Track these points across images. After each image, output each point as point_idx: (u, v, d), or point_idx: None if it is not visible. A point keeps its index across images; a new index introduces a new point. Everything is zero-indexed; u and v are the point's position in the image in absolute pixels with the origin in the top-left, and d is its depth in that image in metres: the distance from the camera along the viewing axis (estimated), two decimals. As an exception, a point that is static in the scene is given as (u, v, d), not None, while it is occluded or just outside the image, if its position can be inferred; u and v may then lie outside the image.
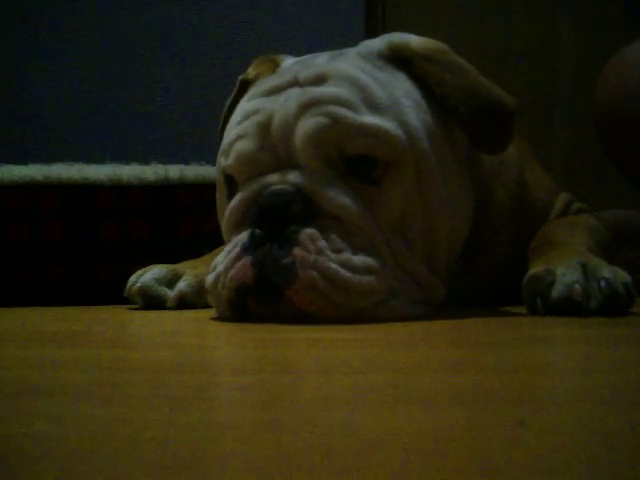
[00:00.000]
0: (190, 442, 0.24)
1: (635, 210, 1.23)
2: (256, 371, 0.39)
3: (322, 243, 0.60)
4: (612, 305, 0.62)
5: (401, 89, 0.67)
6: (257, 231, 0.62)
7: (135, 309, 0.81)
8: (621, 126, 1.00)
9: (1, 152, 1.54)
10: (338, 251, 0.60)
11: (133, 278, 0.83)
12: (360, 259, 0.61)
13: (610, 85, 1.02)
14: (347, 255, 0.60)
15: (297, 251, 0.60)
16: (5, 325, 0.71)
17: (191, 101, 1.78)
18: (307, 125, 0.63)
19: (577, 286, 0.63)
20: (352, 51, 0.71)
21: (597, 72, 1.06)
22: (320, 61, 0.70)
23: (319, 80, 0.66)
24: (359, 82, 0.65)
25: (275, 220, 0.62)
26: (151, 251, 0.99)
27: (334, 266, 0.59)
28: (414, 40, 0.70)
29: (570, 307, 0.63)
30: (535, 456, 0.22)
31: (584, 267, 0.64)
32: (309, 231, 0.60)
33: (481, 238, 0.78)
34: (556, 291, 0.64)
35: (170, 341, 0.54)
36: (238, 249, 0.63)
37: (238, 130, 0.68)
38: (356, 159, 0.63)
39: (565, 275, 0.64)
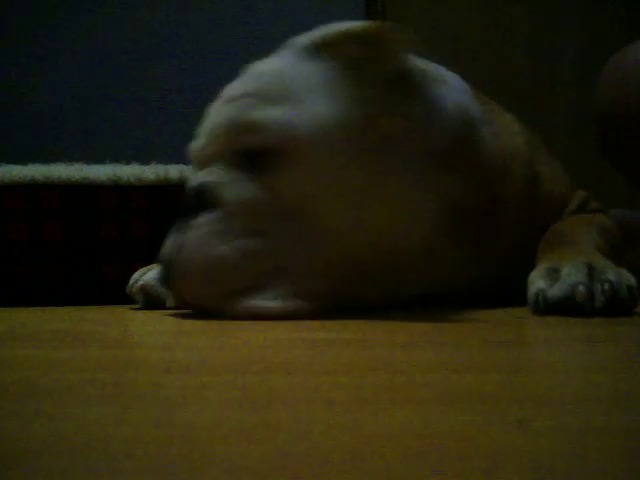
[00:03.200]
0: (190, 442, 0.24)
1: (635, 210, 1.23)
2: (256, 371, 0.39)
3: (207, 228, 0.65)
4: (615, 307, 0.62)
5: (313, 79, 0.68)
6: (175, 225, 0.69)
7: (136, 309, 0.81)
8: (621, 126, 1.00)
9: (1, 152, 1.54)
10: (218, 237, 0.65)
11: (136, 276, 0.83)
12: (236, 243, 0.65)
13: (610, 85, 1.02)
14: (224, 239, 0.65)
15: (185, 236, 0.66)
16: (5, 325, 0.71)
17: (191, 101, 1.78)
18: (212, 124, 0.70)
19: (581, 287, 0.63)
20: (287, 47, 0.72)
21: (597, 72, 1.06)
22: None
23: (236, 79, 0.71)
24: (264, 77, 0.69)
25: (184, 213, 0.68)
26: (151, 251, 0.98)
27: (207, 249, 0.64)
28: (340, 27, 0.71)
29: (572, 307, 0.63)
30: (535, 456, 0.22)
31: (590, 268, 0.64)
32: (198, 220, 0.66)
33: (488, 232, 0.79)
34: (560, 291, 0.64)
35: (170, 341, 0.54)
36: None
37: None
38: (253, 150, 0.67)
39: (570, 275, 0.64)
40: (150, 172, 0.99)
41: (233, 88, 0.70)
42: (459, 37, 1.73)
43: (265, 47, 0.76)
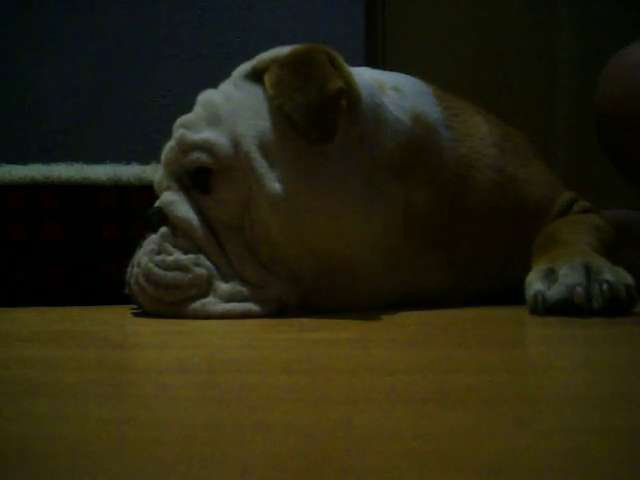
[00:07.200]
0: (190, 442, 0.24)
1: (635, 210, 1.23)
2: (257, 371, 0.39)
3: (151, 246, 0.70)
4: (613, 308, 0.62)
5: (246, 102, 0.72)
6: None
7: (135, 309, 0.81)
8: (621, 126, 1.00)
9: (1, 152, 1.54)
10: (159, 252, 0.70)
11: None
12: (173, 257, 0.69)
13: (610, 85, 1.02)
14: (163, 256, 0.69)
15: (138, 252, 0.72)
16: (5, 325, 0.71)
17: (191, 101, 1.77)
18: (165, 149, 0.75)
19: (579, 289, 0.63)
20: (231, 76, 0.76)
21: (597, 72, 1.06)
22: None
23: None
24: (210, 103, 0.73)
25: (149, 229, 0.73)
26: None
27: (150, 264, 0.69)
28: (274, 54, 0.72)
29: (571, 308, 0.63)
30: (534, 456, 0.22)
31: (587, 268, 0.64)
32: (151, 237, 0.71)
33: (456, 237, 0.79)
34: (558, 292, 0.64)
35: (170, 341, 0.54)
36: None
37: None
38: (195, 172, 0.71)
39: (568, 276, 0.64)
40: (150, 172, 0.99)
41: (185, 116, 0.74)
42: (457, 37, 1.73)
43: (266, 46, 0.75)
